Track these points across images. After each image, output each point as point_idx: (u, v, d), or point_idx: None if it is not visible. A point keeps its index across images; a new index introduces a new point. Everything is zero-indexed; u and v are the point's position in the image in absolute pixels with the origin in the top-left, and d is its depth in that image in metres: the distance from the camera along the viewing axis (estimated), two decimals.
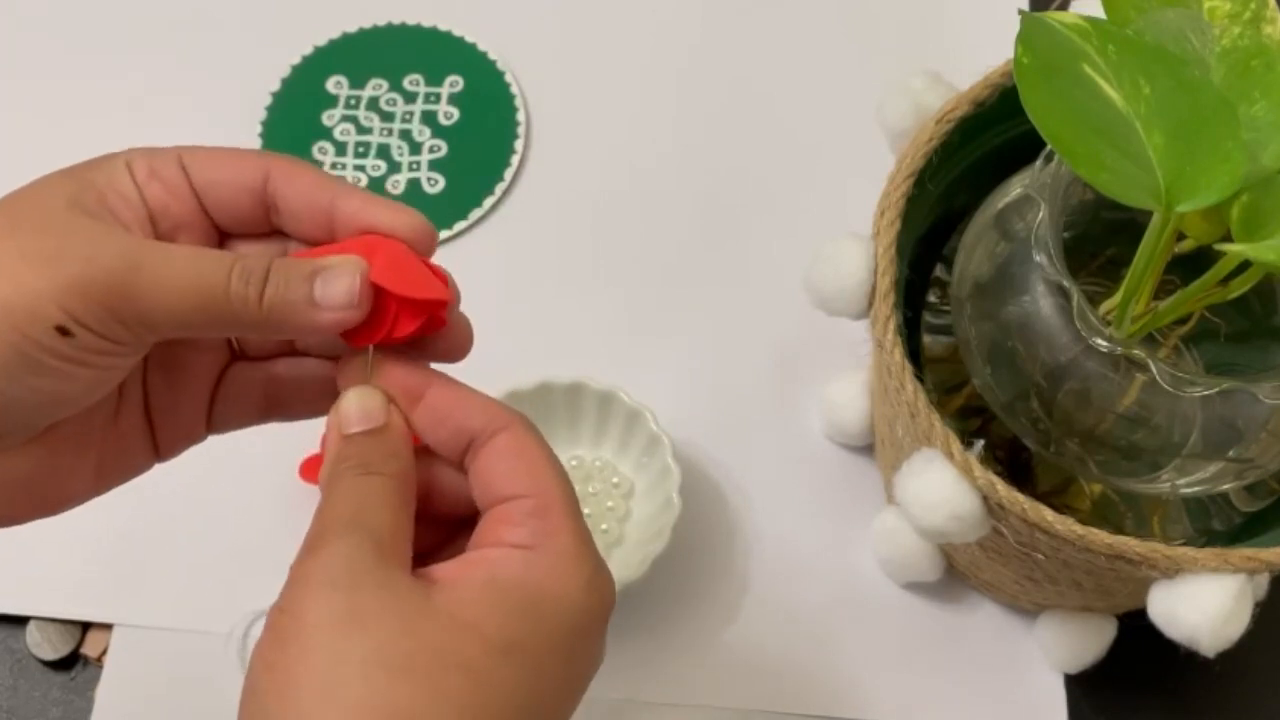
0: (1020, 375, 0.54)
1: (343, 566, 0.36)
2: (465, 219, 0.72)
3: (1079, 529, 0.49)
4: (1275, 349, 0.54)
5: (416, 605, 0.35)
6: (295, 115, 0.75)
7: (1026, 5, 0.77)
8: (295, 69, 0.76)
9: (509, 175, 0.73)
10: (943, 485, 0.51)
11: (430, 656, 0.35)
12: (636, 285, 0.71)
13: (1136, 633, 0.57)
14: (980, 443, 0.56)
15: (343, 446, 0.39)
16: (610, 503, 0.64)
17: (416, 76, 0.76)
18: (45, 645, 0.62)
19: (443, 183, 0.73)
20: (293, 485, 0.64)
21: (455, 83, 0.76)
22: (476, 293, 0.44)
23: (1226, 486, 0.54)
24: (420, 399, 0.39)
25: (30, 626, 0.63)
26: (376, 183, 0.73)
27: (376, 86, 0.76)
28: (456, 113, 0.75)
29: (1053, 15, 0.46)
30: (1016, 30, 0.45)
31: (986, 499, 0.51)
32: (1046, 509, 0.50)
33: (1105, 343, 0.49)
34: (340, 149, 0.74)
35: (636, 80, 0.77)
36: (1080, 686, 0.62)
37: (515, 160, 0.74)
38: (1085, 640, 0.60)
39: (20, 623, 0.63)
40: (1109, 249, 0.56)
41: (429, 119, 0.75)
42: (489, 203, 0.73)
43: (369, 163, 0.74)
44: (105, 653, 0.62)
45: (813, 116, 0.75)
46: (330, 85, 0.76)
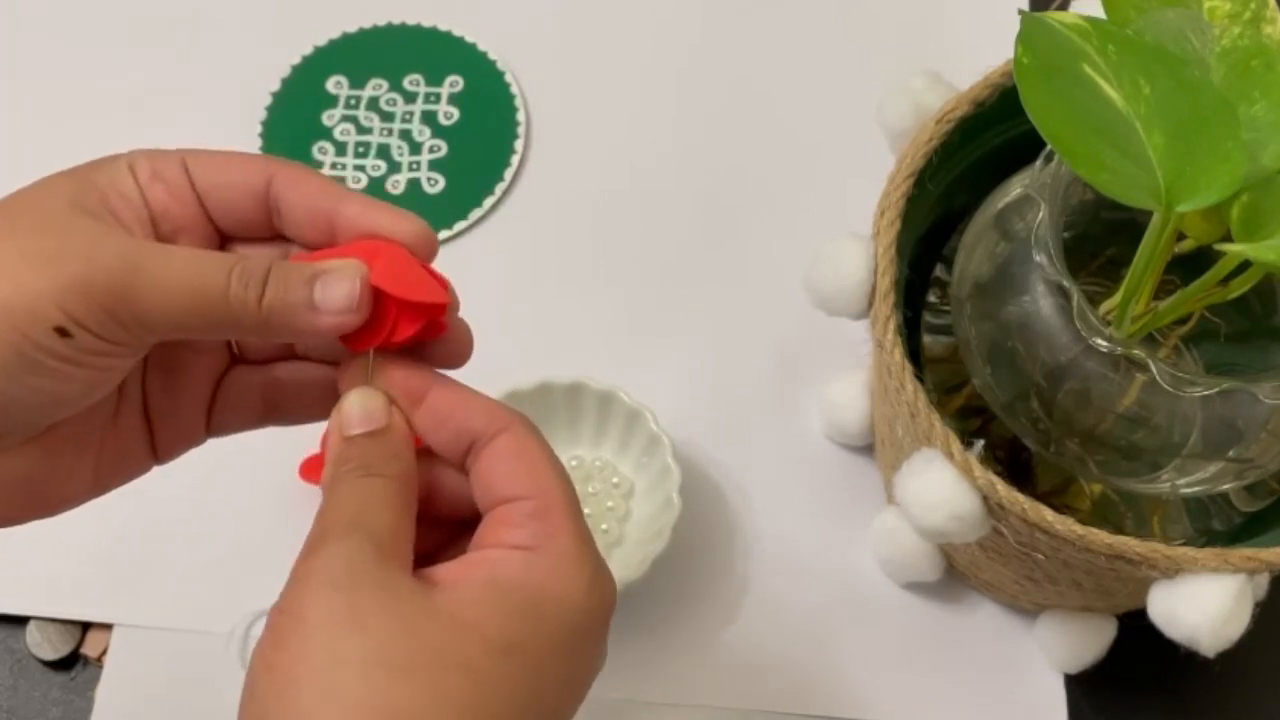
0: (1020, 375, 0.54)
1: (343, 567, 0.36)
2: (465, 219, 0.72)
3: (1079, 529, 0.49)
4: (1275, 349, 0.54)
5: (417, 606, 0.35)
6: (295, 115, 0.75)
7: (1026, 5, 0.77)
8: (295, 69, 0.76)
9: (509, 175, 0.73)
10: (943, 485, 0.51)
11: (431, 657, 0.35)
12: (636, 285, 0.71)
13: (1136, 633, 0.57)
14: (980, 443, 0.56)
15: (344, 448, 0.39)
16: (610, 503, 0.64)
17: (416, 76, 0.76)
18: (45, 645, 0.62)
19: (443, 183, 0.73)
20: (293, 485, 0.64)
21: (455, 83, 0.76)
22: (476, 293, 0.44)
23: (1226, 486, 0.54)
24: (421, 400, 0.40)
25: (30, 626, 0.63)
26: (376, 183, 0.73)
27: (376, 86, 0.76)
28: (456, 113, 0.75)
29: (1053, 15, 0.46)
30: (1016, 30, 0.45)
31: (986, 499, 0.51)
32: (1046, 509, 0.50)
33: (1105, 343, 0.49)
34: (340, 149, 0.74)
35: (636, 80, 0.77)
36: (1080, 686, 0.62)
37: (515, 160, 0.74)
38: (1085, 640, 0.60)
39: (20, 623, 0.63)
40: (1109, 249, 0.56)
41: (429, 119, 0.75)
42: (489, 203, 0.73)
43: (369, 163, 0.74)
44: (105, 653, 0.62)
45: (813, 116, 0.75)
46: (330, 85, 0.76)
